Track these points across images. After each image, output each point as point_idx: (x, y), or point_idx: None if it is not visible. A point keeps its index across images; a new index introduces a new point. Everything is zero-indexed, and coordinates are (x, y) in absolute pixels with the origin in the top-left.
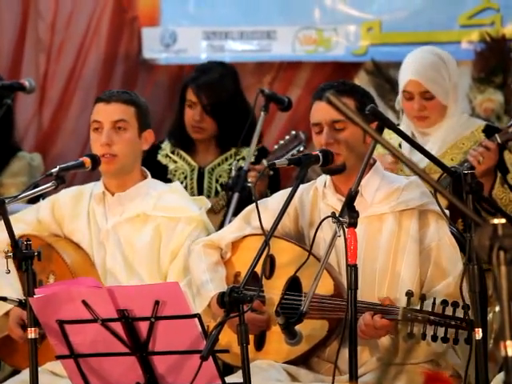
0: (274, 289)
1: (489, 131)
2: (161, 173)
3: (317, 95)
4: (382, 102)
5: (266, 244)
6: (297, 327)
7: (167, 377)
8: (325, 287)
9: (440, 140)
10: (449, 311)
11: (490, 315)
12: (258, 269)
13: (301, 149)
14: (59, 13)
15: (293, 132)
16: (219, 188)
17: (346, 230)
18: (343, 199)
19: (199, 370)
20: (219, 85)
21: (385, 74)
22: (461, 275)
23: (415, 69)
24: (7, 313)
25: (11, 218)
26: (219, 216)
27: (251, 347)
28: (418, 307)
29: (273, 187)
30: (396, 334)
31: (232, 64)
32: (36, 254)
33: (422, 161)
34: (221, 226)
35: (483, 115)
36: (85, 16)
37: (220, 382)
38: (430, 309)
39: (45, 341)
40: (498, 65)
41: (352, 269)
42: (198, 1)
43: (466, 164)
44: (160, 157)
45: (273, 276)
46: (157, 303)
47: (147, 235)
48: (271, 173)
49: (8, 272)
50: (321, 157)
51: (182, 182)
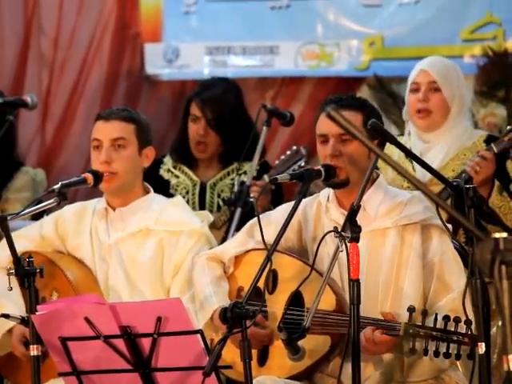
0: (277, 303)
1: (491, 142)
2: (163, 188)
3: (325, 106)
4: (385, 117)
5: (269, 259)
6: (299, 342)
7: None
8: (327, 302)
9: (442, 152)
10: (451, 326)
11: (494, 329)
12: (261, 283)
13: (302, 164)
14: (62, 29)
15: (294, 147)
16: (221, 203)
17: (349, 245)
18: (345, 212)
19: None
20: (223, 100)
21: (387, 89)
22: (464, 289)
23: (427, 61)
24: (10, 330)
25: (14, 235)
26: (221, 231)
27: (254, 362)
28: (420, 323)
29: (276, 202)
30: (398, 350)
31: (235, 79)
32: (38, 271)
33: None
34: (223, 242)
35: (486, 129)
36: (87, 32)
37: None
38: (432, 324)
39: (47, 358)
40: (501, 79)
41: (354, 283)
42: (201, 16)
43: (464, 175)
44: (162, 171)
45: (275, 291)
46: (159, 319)
47: (149, 250)
48: (273, 187)
49: (10, 289)
50: (323, 172)
51: (184, 197)
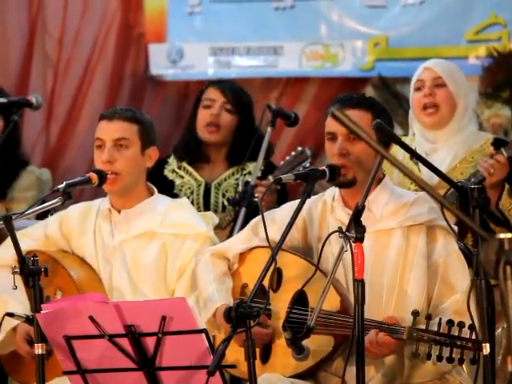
0: (281, 302)
1: (497, 144)
2: (167, 188)
3: (334, 105)
4: None
5: (273, 259)
6: (304, 342)
7: None
8: (331, 303)
9: (450, 154)
10: (455, 331)
11: (499, 330)
12: (266, 282)
13: (307, 165)
14: (66, 29)
15: (299, 148)
16: (226, 203)
17: (353, 245)
18: (350, 212)
19: None
20: (243, 91)
21: (391, 89)
22: (468, 290)
23: (431, 61)
24: (15, 328)
25: (19, 234)
26: (226, 231)
27: (257, 360)
28: (424, 326)
29: (281, 202)
30: (401, 353)
31: (239, 79)
32: (43, 270)
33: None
34: None
35: (491, 130)
36: (92, 32)
37: None
38: (436, 328)
39: (52, 356)
40: (506, 80)
41: (359, 283)
42: (205, 17)
43: (477, 175)
44: (166, 172)
45: (280, 289)
46: (164, 319)
47: (153, 252)
48: (278, 188)
49: (15, 288)
50: (327, 172)
51: (189, 198)
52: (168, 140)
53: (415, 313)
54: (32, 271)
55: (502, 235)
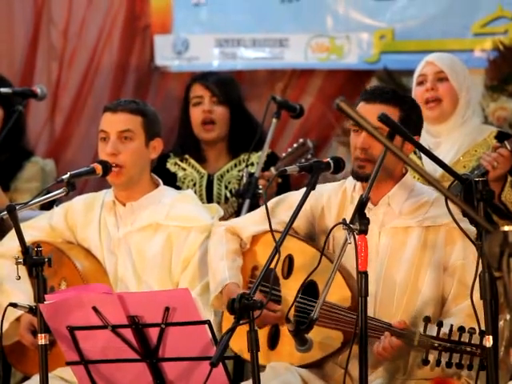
0: (291, 289)
1: (501, 138)
2: (170, 181)
3: (363, 97)
4: None
5: (277, 250)
6: (310, 334)
7: (177, 383)
8: (342, 298)
9: (454, 148)
10: (465, 338)
11: (501, 323)
12: (277, 267)
13: (309, 157)
14: (72, 20)
15: (300, 140)
16: (228, 195)
17: (357, 237)
18: (371, 206)
19: (209, 377)
20: (229, 81)
21: (397, 82)
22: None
23: (433, 55)
24: (18, 319)
25: (24, 225)
26: None
27: (264, 346)
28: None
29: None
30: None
31: (245, 71)
32: (46, 260)
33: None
34: None
35: (496, 124)
36: (97, 23)
37: None
38: (447, 335)
39: (55, 347)
40: (511, 73)
41: (362, 276)
42: (211, 8)
43: (481, 169)
44: (169, 165)
45: (290, 276)
46: (167, 309)
47: (158, 244)
48: (280, 180)
49: (18, 278)
50: (332, 164)
51: (192, 190)
52: (173, 131)
53: (427, 318)
54: (35, 262)
55: (506, 228)
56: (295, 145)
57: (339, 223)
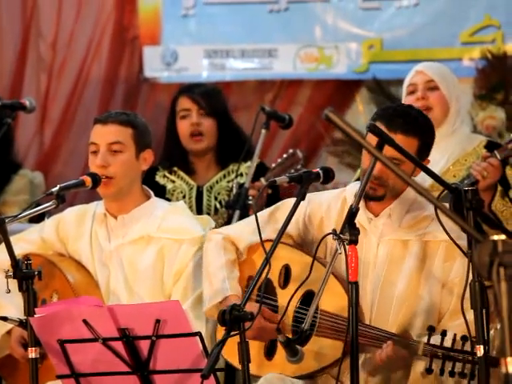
0: (287, 299)
1: (490, 147)
2: (159, 193)
3: (383, 120)
4: None
5: (267, 262)
6: (311, 344)
7: None
8: (341, 308)
9: (444, 157)
10: (468, 347)
11: (492, 332)
12: (273, 277)
13: (298, 167)
14: (60, 32)
15: (290, 150)
16: (218, 206)
17: (347, 248)
18: (372, 217)
19: None
20: (215, 92)
21: (386, 92)
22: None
23: (422, 64)
24: (9, 332)
25: (14, 238)
26: None
27: (261, 355)
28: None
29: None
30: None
31: (234, 82)
32: (36, 274)
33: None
34: None
35: (485, 132)
36: (86, 35)
37: None
38: (450, 344)
39: (46, 360)
40: (500, 82)
41: (353, 286)
42: (199, 19)
43: (470, 178)
44: (158, 177)
45: (287, 286)
46: (158, 322)
47: (150, 257)
48: (270, 191)
49: (8, 292)
50: (321, 174)
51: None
52: (161, 142)
53: (431, 329)
54: (25, 275)
55: (496, 237)
56: (285, 155)
57: (329, 233)
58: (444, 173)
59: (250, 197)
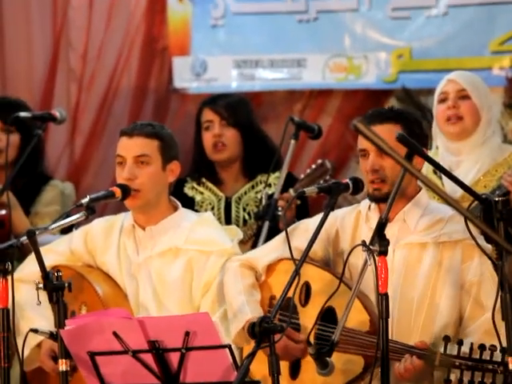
0: (309, 317)
1: None
2: (188, 205)
3: (365, 121)
4: None
5: (297, 273)
6: (331, 358)
7: None
8: (361, 323)
9: (475, 167)
10: (486, 355)
11: None
12: (295, 295)
13: (327, 178)
14: (90, 43)
15: (319, 161)
16: (247, 217)
17: (377, 259)
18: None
19: None
20: (238, 103)
21: (416, 101)
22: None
23: (455, 73)
24: (39, 344)
25: (43, 249)
26: (247, 245)
27: (286, 375)
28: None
29: (301, 216)
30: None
31: (263, 92)
32: (66, 285)
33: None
34: None
35: None
36: (116, 46)
37: None
38: (468, 353)
39: (76, 372)
40: None
41: (383, 298)
42: (228, 29)
43: (502, 189)
44: (186, 189)
45: (308, 303)
46: (187, 334)
47: (178, 269)
48: (298, 202)
49: (39, 304)
50: (351, 185)
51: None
52: (191, 153)
53: (447, 338)
54: (55, 287)
55: None
56: (314, 166)
57: (358, 245)
58: (475, 183)
59: (280, 208)
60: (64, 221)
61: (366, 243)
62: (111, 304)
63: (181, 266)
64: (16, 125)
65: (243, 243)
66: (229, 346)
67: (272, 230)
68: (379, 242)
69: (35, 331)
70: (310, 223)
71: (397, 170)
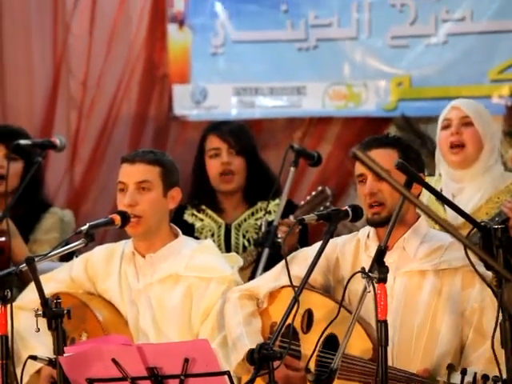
0: (311, 344)
1: None
2: (188, 232)
3: (361, 148)
4: None
5: (296, 300)
6: None
7: None
8: (363, 350)
9: (477, 195)
10: None
11: None
12: (296, 322)
13: (327, 205)
14: (90, 70)
15: (319, 188)
16: (247, 243)
17: (376, 286)
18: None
19: None
20: (243, 130)
21: (415, 129)
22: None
23: (459, 100)
24: (38, 371)
25: (44, 277)
26: (247, 272)
27: None
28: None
29: (301, 242)
30: None
31: (261, 120)
32: (66, 312)
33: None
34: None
35: None
36: (116, 74)
37: None
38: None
39: None
40: None
41: (382, 325)
42: (228, 57)
43: (501, 215)
44: (186, 216)
45: (310, 331)
46: (186, 361)
47: (178, 296)
48: (299, 228)
49: (37, 331)
50: (350, 212)
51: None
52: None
53: (451, 366)
54: (55, 314)
55: None
56: (313, 193)
57: (358, 272)
58: (477, 210)
59: (280, 234)
60: (63, 248)
61: (366, 270)
62: (112, 330)
63: (181, 293)
64: (18, 152)
65: (243, 269)
66: (228, 373)
67: (272, 257)
68: (378, 269)
69: (34, 358)
70: (310, 251)
71: (395, 193)
